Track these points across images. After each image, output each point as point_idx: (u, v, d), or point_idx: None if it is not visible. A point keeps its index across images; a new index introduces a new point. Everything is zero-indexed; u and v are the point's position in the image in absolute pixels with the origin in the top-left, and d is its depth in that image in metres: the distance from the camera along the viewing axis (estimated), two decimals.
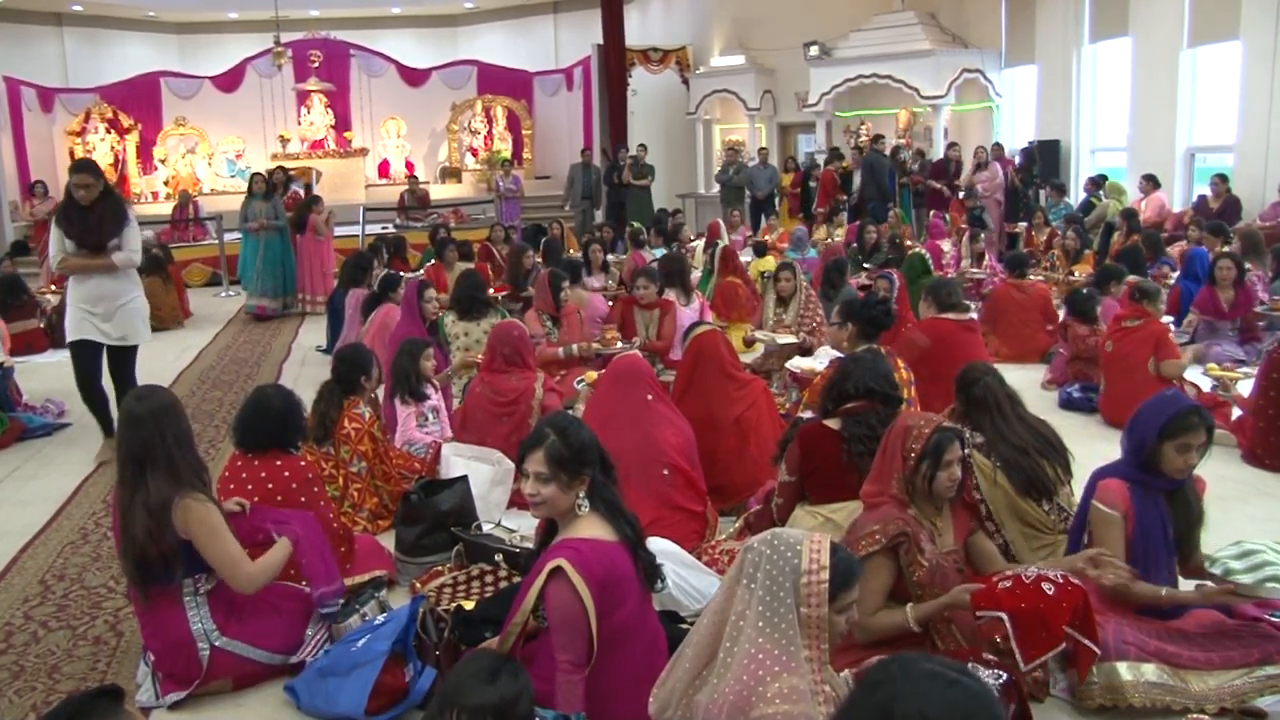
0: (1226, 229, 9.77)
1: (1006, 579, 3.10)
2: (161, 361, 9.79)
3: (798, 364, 6.76)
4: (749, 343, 7.85)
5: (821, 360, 6.79)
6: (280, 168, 14.03)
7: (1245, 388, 6.23)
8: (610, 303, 9.00)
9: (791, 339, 7.45)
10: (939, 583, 3.22)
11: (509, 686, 2.52)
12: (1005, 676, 2.85)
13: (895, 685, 1.63)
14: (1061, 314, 7.81)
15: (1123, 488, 3.46)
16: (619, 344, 7.26)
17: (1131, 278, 7.62)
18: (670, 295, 7.86)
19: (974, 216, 13.31)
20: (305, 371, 9.04)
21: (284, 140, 20.47)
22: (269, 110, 21.00)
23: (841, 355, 6.96)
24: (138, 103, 20.18)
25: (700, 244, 12.65)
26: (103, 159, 19.55)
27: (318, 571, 3.69)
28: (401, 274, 8.93)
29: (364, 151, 20.95)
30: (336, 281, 10.26)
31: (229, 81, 20.80)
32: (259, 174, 12.87)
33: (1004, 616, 3.00)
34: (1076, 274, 9.97)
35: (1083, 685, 3.23)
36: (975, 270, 10.32)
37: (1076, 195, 14.29)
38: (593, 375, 6.55)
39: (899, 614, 3.17)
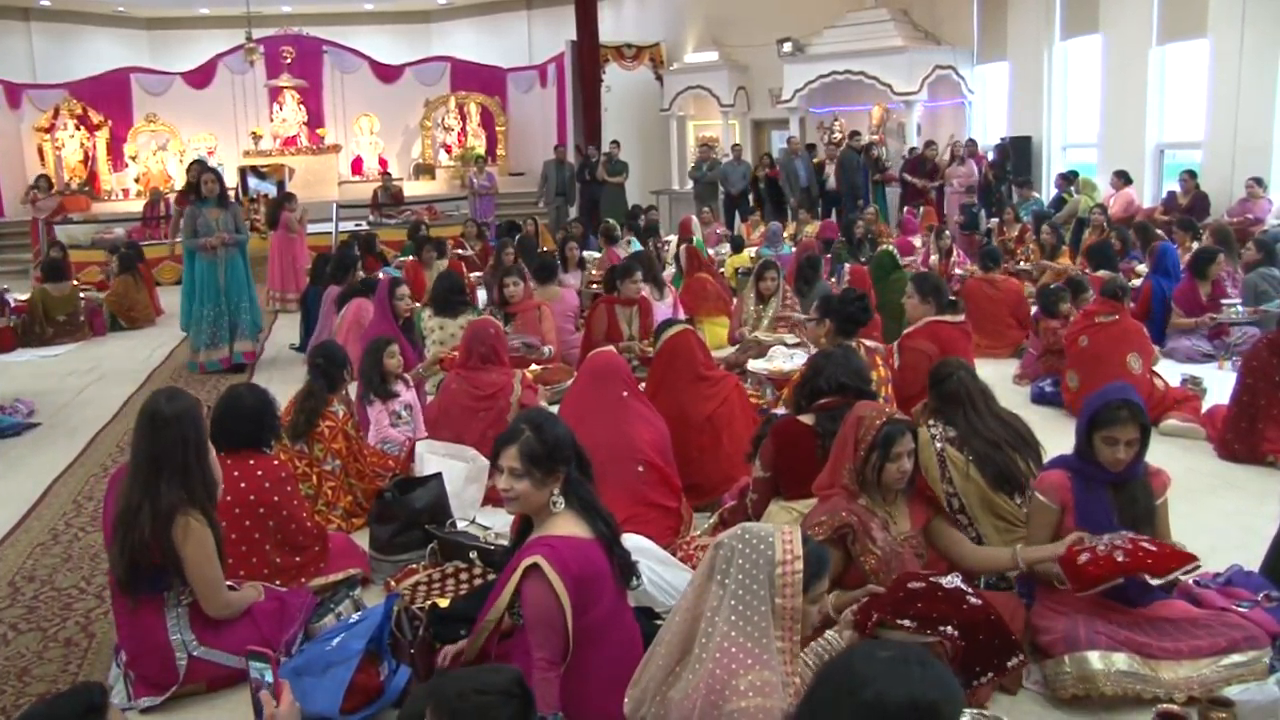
0: (1195, 225, 9.87)
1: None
2: (133, 360, 9.72)
3: (760, 365, 6.78)
4: (734, 341, 7.88)
5: (779, 360, 6.84)
6: (198, 161, 10.61)
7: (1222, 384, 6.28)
8: (585, 297, 9.04)
9: (793, 339, 7.47)
10: (895, 569, 3.26)
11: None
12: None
13: (878, 681, 1.65)
14: (1034, 309, 7.84)
15: (1063, 478, 3.51)
16: (519, 341, 7.22)
17: (1102, 273, 7.65)
18: (644, 291, 7.88)
19: (970, 213, 13.33)
20: (278, 369, 9.00)
21: (256, 137, 20.33)
22: (241, 107, 20.86)
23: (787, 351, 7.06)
24: (108, 99, 19.96)
25: (675, 240, 12.66)
26: (72, 156, 19.41)
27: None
28: (380, 274, 8.93)
29: (337, 148, 20.85)
30: (310, 278, 10.20)
31: (200, 78, 20.62)
32: (208, 171, 9.26)
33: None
34: (1059, 265, 10.01)
35: (1055, 675, 3.26)
36: (960, 270, 10.34)
37: (1048, 191, 14.39)
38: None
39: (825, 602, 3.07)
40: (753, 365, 6.85)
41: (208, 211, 8.80)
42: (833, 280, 8.61)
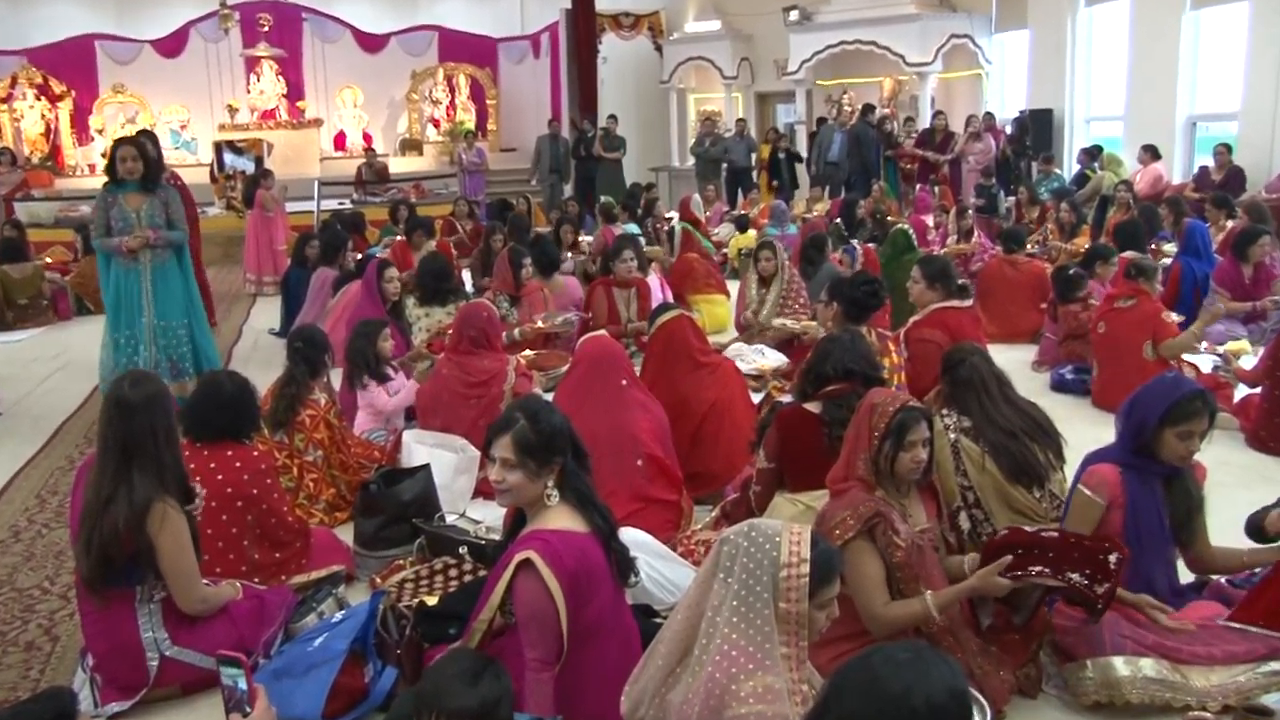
0: (1230, 201, 9.73)
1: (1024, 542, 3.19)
2: (100, 346, 9.69)
3: (743, 358, 6.76)
4: (739, 327, 7.88)
5: (750, 358, 6.88)
6: (144, 132, 8.69)
7: (1248, 363, 6.27)
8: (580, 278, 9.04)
9: (794, 324, 7.48)
10: (917, 562, 3.24)
11: (491, 689, 2.51)
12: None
13: (909, 678, 1.73)
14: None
15: (1114, 474, 3.46)
16: (560, 317, 7.29)
17: (1128, 254, 7.53)
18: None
19: (989, 195, 13.28)
20: (257, 356, 8.99)
21: (232, 110, 20.24)
22: (215, 78, 20.66)
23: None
24: (70, 67, 19.72)
25: (676, 218, 12.67)
26: (33, 129, 19.22)
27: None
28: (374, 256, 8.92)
29: (318, 122, 20.79)
30: (290, 259, 10.20)
31: (171, 46, 20.39)
32: (125, 143, 6.83)
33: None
34: (1082, 248, 9.98)
35: (1076, 680, 3.25)
36: (963, 244, 10.34)
37: (1070, 168, 14.32)
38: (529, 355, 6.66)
39: (916, 604, 3.15)
40: (741, 366, 6.85)
41: (125, 199, 6.68)
42: (841, 258, 8.53)
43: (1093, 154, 13.35)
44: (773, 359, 7.08)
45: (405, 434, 5.50)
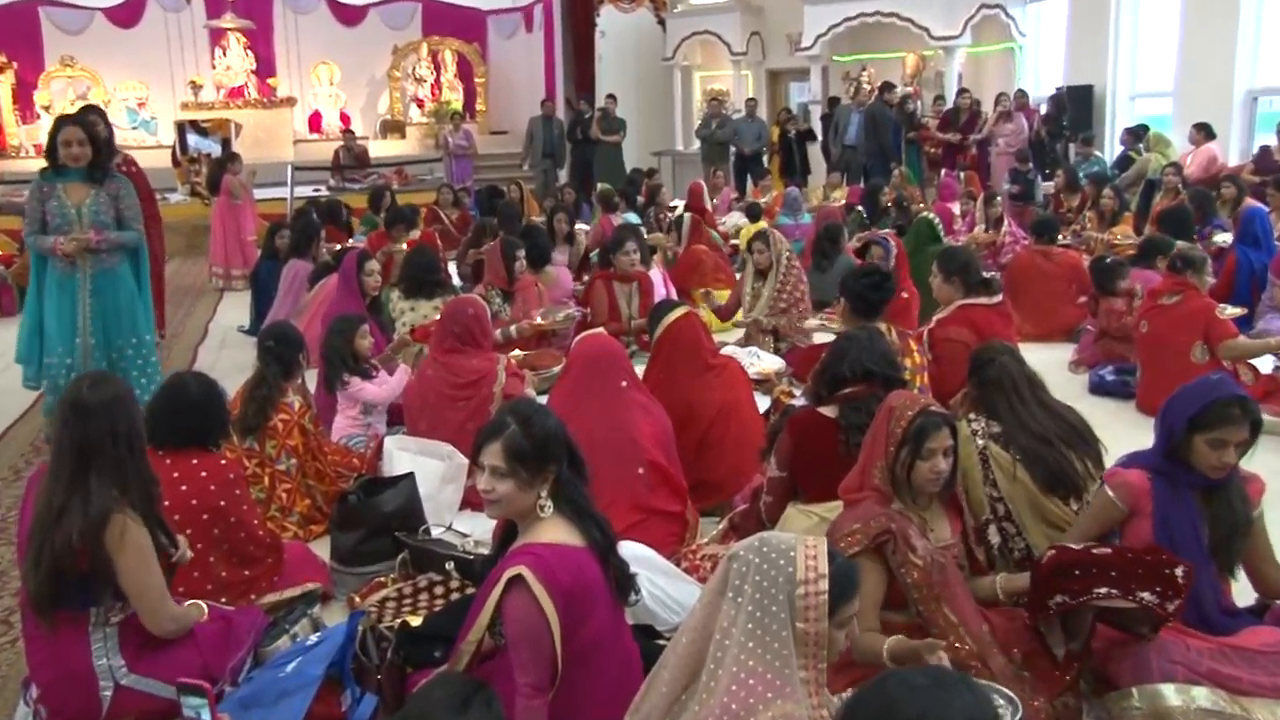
0: None
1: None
2: None
3: (747, 362, 6.76)
4: (723, 316, 7.89)
5: (763, 360, 6.89)
6: (92, 108, 7.88)
7: None
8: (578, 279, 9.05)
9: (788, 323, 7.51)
10: (939, 582, 3.23)
11: (480, 717, 2.51)
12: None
13: (924, 705, 1.75)
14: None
15: (1140, 479, 3.45)
16: (562, 313, 7.30)
17: (1179, 244, 7.39)
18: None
19: (1026, 180, 13.19)
20: (225, 356, 8.99)
21: (196, 87, 20.14)
22: (177, 51, 20.55)
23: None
24: (11, 37, 19.41)
25: (682, 207, 12.67)
26: None
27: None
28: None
29: (291, 101, 20.78)
30: (260, 251, 10.20)
31: (127, 15, 20.19)
32: (69, 122, 6.15)
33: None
34: (1119, 237, 9.96)
35: (1121, 710, 3.19)
36: (992, 233, 10.33)
37: (1112, 149, 14.25)
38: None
39: (878, 641, 3.11)
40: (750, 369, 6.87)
41: (65, 190, 6.03)
42: (874, 251, 8.43)
43: (1138, 134, 13.19)
44: (769, 361, 7.09)
45: (387, 440, 5.50)
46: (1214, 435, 3.33)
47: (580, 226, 11.36)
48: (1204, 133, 12.15)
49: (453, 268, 10.00)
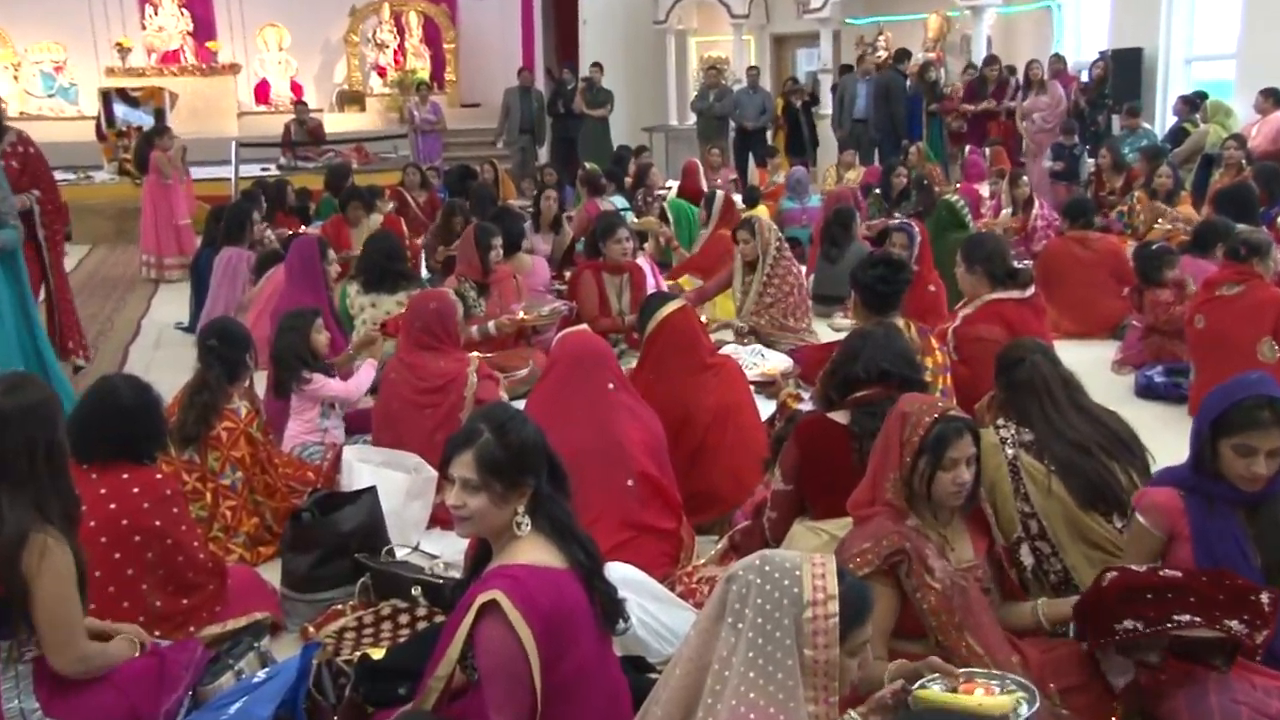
0: None
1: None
2: None
3: (740, 361, 6.77)
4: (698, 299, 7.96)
5: (768, 359, 6.91)
6: None
7: None
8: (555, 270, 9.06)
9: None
10: (960, 607, 3.24)
11: None
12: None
13: None
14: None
15: (1171, 499, 3.43)
16: (547, 308, 7.31)
17: (1241, 227, 7.28)
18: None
19: (1071, 156, 13.16)
20: (161, 356, 8.96)
21: (123, 50, 20.05)
22: (100, 8, 20.32)
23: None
24: None
25: (674, 191, 12.66)
26: None
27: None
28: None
29: (234, 69, 20.75)
30: (201, 238, 10.19)
31: None
32: None
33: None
34: (1168, 222, 9.92)
35: None
36: (1020, 217, 10.34)
37: (1163, 121, 14.19)
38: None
39: (879, 669, 3.07)
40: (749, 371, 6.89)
41: None
42: (895, 239, 8.37)
43: (1194, 103, 13.00)
44: (775, 361, 7.12)
45: (346, 450, 5.50)
46: (1239, 441, 3.30)
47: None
48: (1273, 100, 11.83)
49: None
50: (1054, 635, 3.56)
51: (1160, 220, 9.97)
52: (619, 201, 11.42)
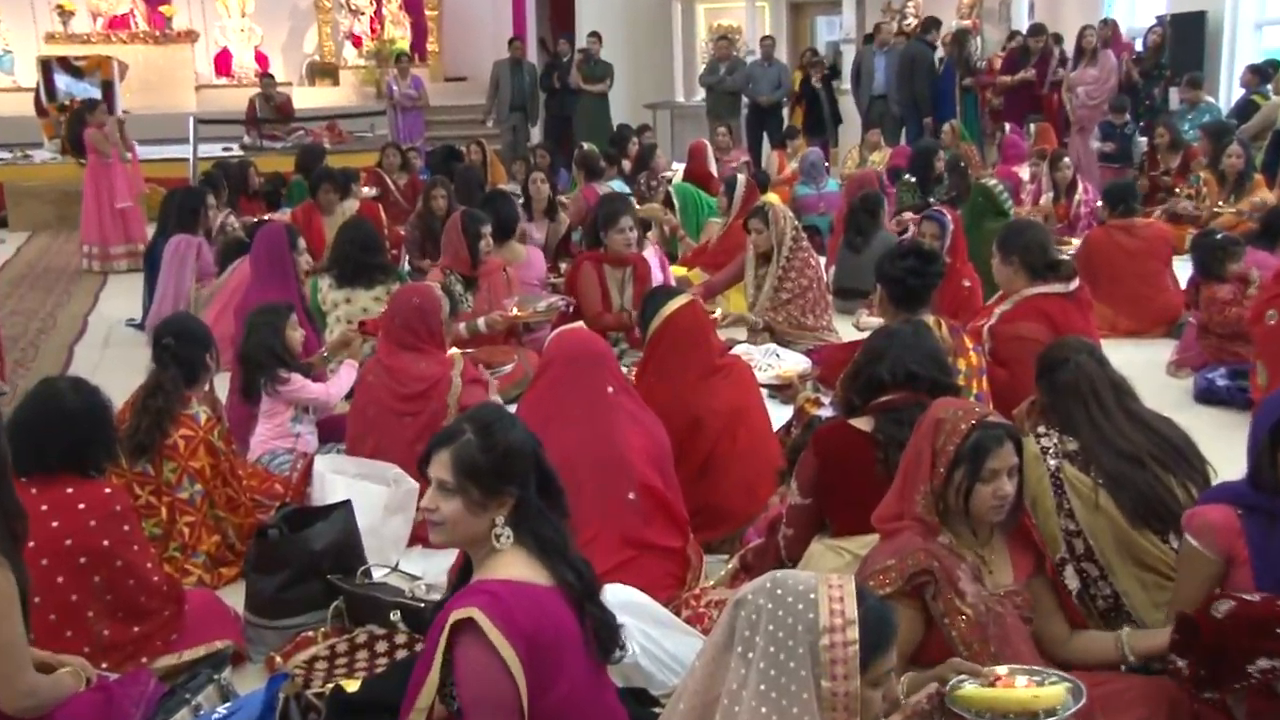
0: None
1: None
2: None
3: (753, 362, 6.76)
4: (745, 324, 7.95)
5: (784, 359, 6.91)
6: None
7: None
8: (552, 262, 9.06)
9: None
10: (995, 637, 3.23)
11: None
12: None
13: None
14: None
15: (1227, 518, 3.41)
16: (543, 303, 7.31)
17: None
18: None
19: (1123, 136, 13.10)
20: (110, 356, 8.98)
21: (65, 14, 20.07)
22: None
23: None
24: None
25: (679, 174, 12.65)
26: None
27: None
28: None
29: (191, 36, 20.80)
30: (156, 226, 10.19)
31: None
32: None
33: None
34: (1231, 207, 9.90)
35: None
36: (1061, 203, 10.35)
37: (1229, 93, 14.14)
38: None
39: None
40: (761, 375, 6.89)
41: None
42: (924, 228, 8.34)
43: (1265, 73, 12.90)
44: (792, 362, 7.12)
45: (318, 460, 5.50)
46: None
47: (562, 197, 11.35)
48: None
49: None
50: (1153, 672, 3.51)
51: (1221, 205, 9.94)
52: (618, 186, 11.38)
